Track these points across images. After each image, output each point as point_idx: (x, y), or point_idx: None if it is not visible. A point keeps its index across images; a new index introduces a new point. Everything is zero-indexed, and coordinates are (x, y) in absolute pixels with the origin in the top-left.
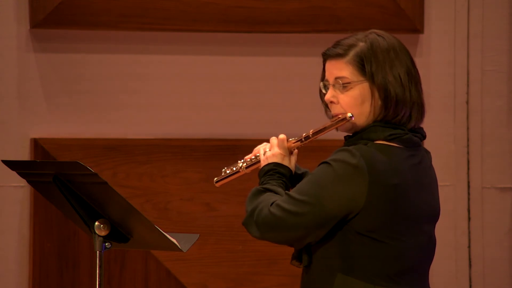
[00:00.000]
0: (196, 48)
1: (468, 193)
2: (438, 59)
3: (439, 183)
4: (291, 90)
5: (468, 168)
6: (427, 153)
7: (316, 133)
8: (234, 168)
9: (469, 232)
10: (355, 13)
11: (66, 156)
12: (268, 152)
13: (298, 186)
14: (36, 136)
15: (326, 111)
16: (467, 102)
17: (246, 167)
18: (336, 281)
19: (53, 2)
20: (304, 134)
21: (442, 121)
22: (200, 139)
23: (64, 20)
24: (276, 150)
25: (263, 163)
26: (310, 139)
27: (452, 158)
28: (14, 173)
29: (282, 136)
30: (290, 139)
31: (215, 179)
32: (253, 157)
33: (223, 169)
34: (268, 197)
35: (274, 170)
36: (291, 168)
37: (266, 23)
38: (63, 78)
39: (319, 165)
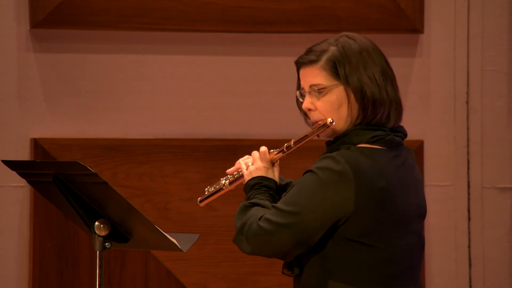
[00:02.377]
0: (196, 48)
1: (468, 193)
2: (438, 59)
3: (439, 183)
4: (291, 90)
5: (468, 168)
6: (410, 151)
7: (297, 142)
8: (217, 186)
9: (469, 232)
10: (355, 13)
11: (66, 156)
12: (251, 166)
13: (285, 197)
14: (36, 136)
15: (305, 120)
16: (467, 102)
17: (230, 183)
18: None
19: (53, 2)
20: (285, 145)
21: (442, 121)
22: (200, 139)
23: (64, 20)
24: (260, 163)
25: (247, 177)
26: (292, 149)
27: (452, 158)
28: (14, 173)
29: (263, 148)
30: (272, 151)
31: (199, 199)
32: (236, 172)
33: (206, 188)
34: (256, 212)
35: (259, 183)
36: (276, 180)
37: (266, 23)
38: (63, 78)
39: (303, 174)
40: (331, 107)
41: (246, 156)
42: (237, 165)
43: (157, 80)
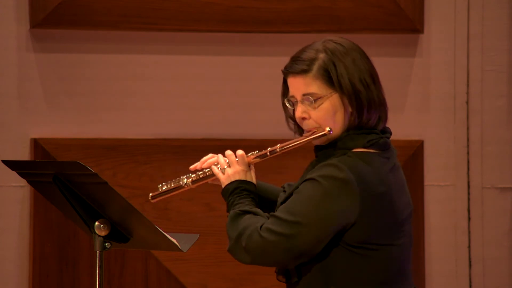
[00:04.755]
0: (196, 48)
1: (468, 193)
2: (438, 59)
3: (439, 183)
4: None
5: (468, 168)
6: (395, 150)
7: (284, 148)
8: (176, 184)
9: (469, 232)
10: (355, 13)
11: (66, 156)
12: (228, 169)
13: (287, 206)
14: (36, 136)
15: (288, 125)
16: (467, 102)
17: (193, 182)
18: None
19: (53, 2)
20: (269, 149)
21: (442, 121)
22: (200, 139)
23: (64, 20)
24: (237, 167)
25: (225, 181)
26: (277, 154)
27: (452, 158)
28: (14, 173)
29: (240, 152)
30: (249, 154)
31: (151, 194)
32: (201, 172)
33: (160, 185)
34: (251, 221)
35: (240, 188)
36: (254, 183)
37: (266, 23)
38: (63, 78)
39: (303, 181)
40: (326, 115)
41: (211, 155)
42: (203, 164)
43: (157, 80)
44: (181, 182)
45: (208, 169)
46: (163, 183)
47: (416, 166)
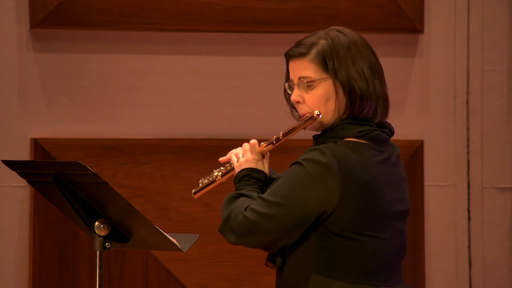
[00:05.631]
0: (196, 48)
1: (468, 193)
2: (438, 59)
3: (439, 183)
4: None
5: (468, 168)
6: (396, 148)
7: (285, 134)
8: (210, 178)
9: (469, 232)
10: (355, 13)
11: (66, 156)
12: (241, 158)
13: (271, 188)
14: (36, 136)
15: (292, 112)
16: (467, 102)
17: (222, 176)
18: (311, 281)
19: (53, 2)
20: (274, 137)
21: (442, 121)
22: (200, 139)
23: (64, 20)
24: (249, 155)
25: (237, 169)
26: (281, 141)
27: (452, 158)
28: (14, 173)
29: (253, 141)
30: (261, 143)
31: (193, 191)
32: (227, 164)
33: (200, 180)
34: (242, 203)
35: (248, 175)
36: (266, 172)
37: (266, 23)
38: (63, 78)
39: (290, 165)
40: (319, 100)
41: (238, 148)
42: (228, 155)
43: (157, 80)
44: (213, 176)
45: (232, 161)
46: (202, 178)
47: (416, 166)
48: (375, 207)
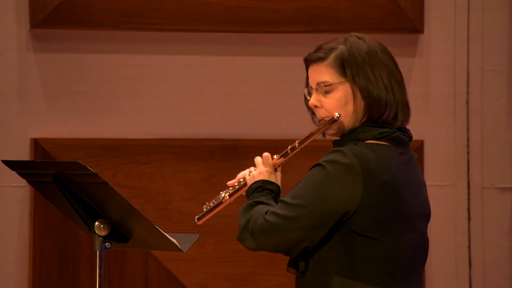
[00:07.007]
0: (196, 48)
1: (468, 193)
2: (438, 59)
3: (439, 183)
4: (291, 90)
5: (468, 168)
6: (414, 154)
7: (302, 141)
8: (216, 201)
9: (469, 232)
10: (355, 13)
11: (66, 156)
12: (253, 171)
13: (292, 191)
14: (36, 136)
15: (312, 118)
16: (467, 102)
17: (230, 196)
18: (333, 283)
19: (53, 2)
20: (289, 147)
21: (442, 121)
22: (200, 139)
23: (64, 20)
24: (262, 168)
25: (249, 182)
26: (297, 150)
27: (452, 158)
28: (14, 173)
29: (266, 154)
30: (274, 156)
31: (196, 217)
32: (236, 184)
33: (205, 204)
34: (261, 209)
35: (262, 187)
36: (279, 184)
37: (266, 23)
38: (63, 78)
39: (311, 168)
40: (337, 104)
41: (246, 170)
42: (239, 176)
43: (157, 80)
44: (220, 198)
45: (242, 180)
46: (207, 202)
47: None
48: (396, 207)
